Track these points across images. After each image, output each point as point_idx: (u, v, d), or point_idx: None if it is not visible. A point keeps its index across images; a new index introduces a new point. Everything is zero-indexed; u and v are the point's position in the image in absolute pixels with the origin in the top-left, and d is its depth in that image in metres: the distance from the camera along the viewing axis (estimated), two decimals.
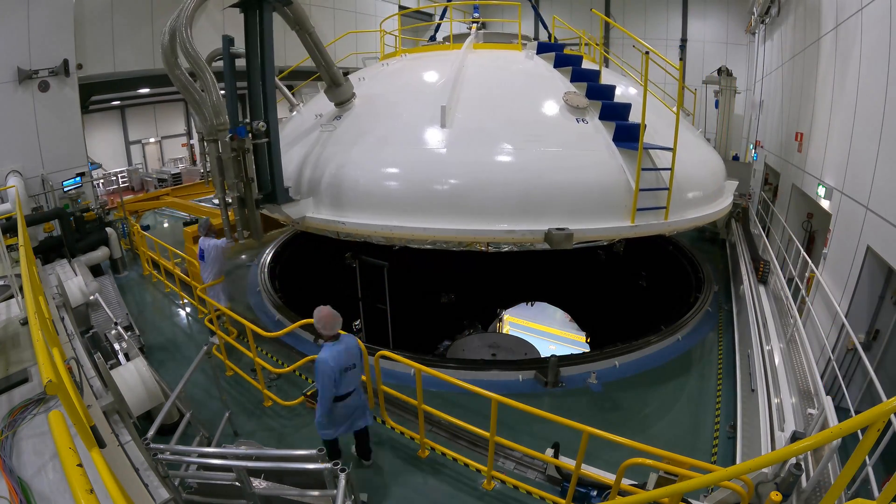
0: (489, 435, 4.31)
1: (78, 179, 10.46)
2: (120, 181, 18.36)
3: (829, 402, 3.85)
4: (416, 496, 4.55)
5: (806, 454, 3.72)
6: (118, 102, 21.32)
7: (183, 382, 4.67)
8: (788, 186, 11.80)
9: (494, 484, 4.60)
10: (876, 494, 2.52)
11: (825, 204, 8.51)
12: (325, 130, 7.36)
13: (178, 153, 25.05)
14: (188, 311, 8.53)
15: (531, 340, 10.71)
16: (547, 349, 13.16)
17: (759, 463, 2.56)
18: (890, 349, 6.74)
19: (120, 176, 19.25)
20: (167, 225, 13.52)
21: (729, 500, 3.41)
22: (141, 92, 18.08)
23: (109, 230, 9.63)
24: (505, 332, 14.39)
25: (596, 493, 4.15)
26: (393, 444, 5.19)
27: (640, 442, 3.63)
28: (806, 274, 8.15)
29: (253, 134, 6.09)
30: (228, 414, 5.12)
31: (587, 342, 13.60)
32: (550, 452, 4.42)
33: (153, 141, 24.21)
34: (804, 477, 3.44)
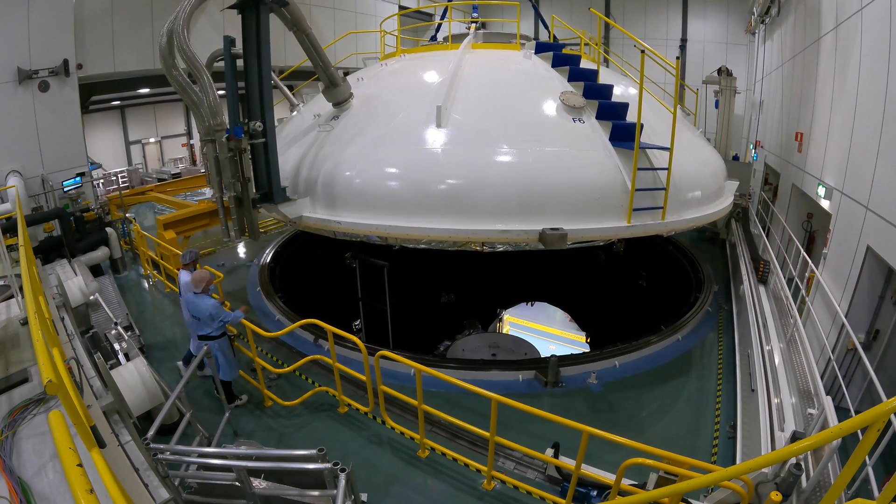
0: (489, 435, 4.31)
1: (78, 179, 10.45)
2: (120, 181, 18.35)
3: (829, 402, 3.86)
4: (416, 496, 4.55)
5: (806, 454, 3.72)
6: (118, 102, 21.29)
7: (183, 382, 4.67)
8: (788, 186, 11.79)
9: (494, 484, 4.60)
10: (876, 494, 2.52)
11: (825, 204, 8.50)
12: (322, 130, 7.36)
13: (178, 153, 25.02)
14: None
15: (531, 340, 10.71)
16: (547, 349, 13.17)
17: (759, 463, 2.57)
18: (890, 349, 6.74)
19: (120, 176, 19.24)
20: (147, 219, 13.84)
21: (729, 500, 3.41)
22: (141, 92, 18.04)
23: (109, 230, 9.63)
24: (505, 332, 14.39)
25: (596, 493, 4.15)
26: (393, 444, 5.19)
27: (640, 442, 3.64)
28: (806, 274, 8.15)
29: (250, 134, 6.09)
30: (228, 414, 5.12)
31: (587, 342, 13.61)
32: (550, 452, 4.42)
33: (153, 141, 24.19)
34: (804, 477, 3.44)
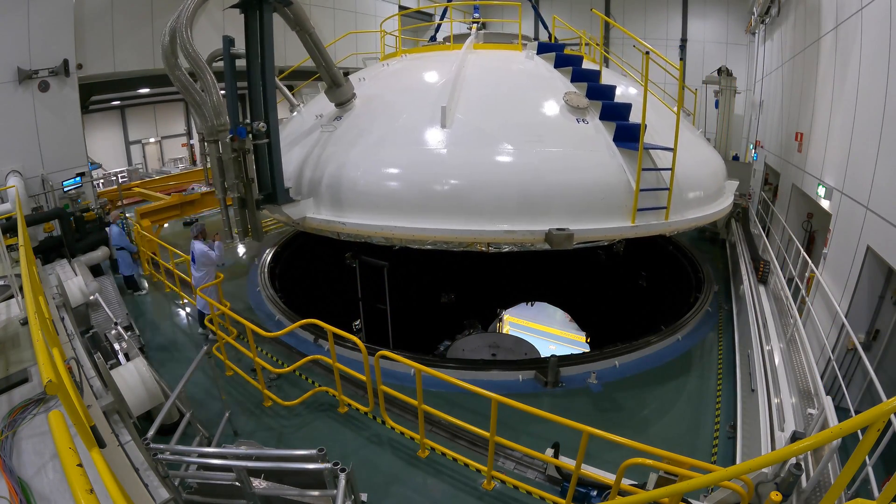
0: (489, 435, 4.31)
1: (78, 179, 10.44)
2: (120, 181, 18.39)
3: (829, 402, 3.86)
4: (416, 496, 4.55)
5: (806, 454, 3.72)
6: (118, 102, 21.29)
7: (183, 382, 4.68)
8: (788, 186, 11.79)
9: (494, 484, 4.60)
10: (876, 494, 2.52)
11: (825, 204, 8.50)
12: (325, 131, 7.36)
13: (178, 153, 25.00)
14: (188, 311, 8.53)
15: (531, 340, 10.70)
16: (547, 349, 13.17)
17: (759, 463, 2.57)
18: (890, 349, 6.74)
19: (120, 175, 19.27)
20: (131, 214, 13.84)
21: (729, 500, 3.41)
22: (141, 92, 18.06)
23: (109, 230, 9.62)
24: (505, 332, 14.39)
25: (596, 493, 4.15)
26: (393, 444, 5.19)
27: (640, 442, 3.63)
28: (806, 274, 8.15)
29: (253, 134, 6.09)
30: (228, 414, 5.12)
31: (587, 342, 13.61)
32: (550, 452, 4.42)
33: (153, 141, 24.18)
34: (804, 477, 3.44)
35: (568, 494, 4.08)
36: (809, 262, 7.95)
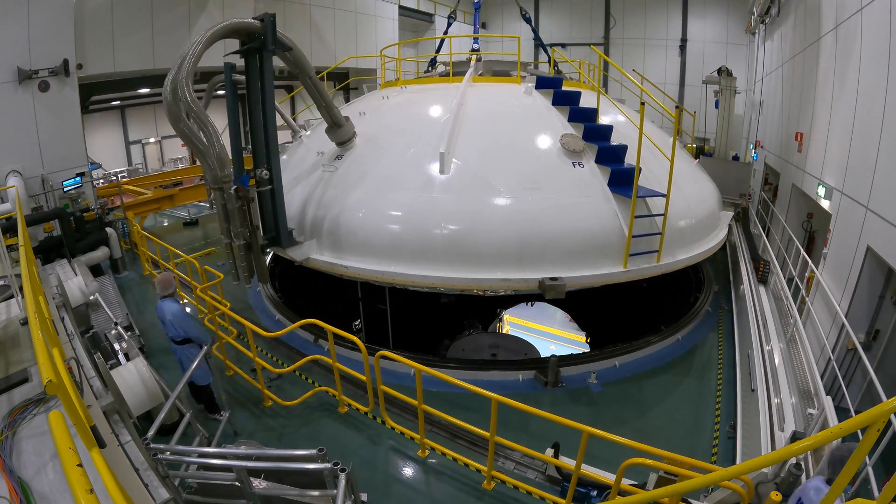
0: (489, 435, 4.32)
1: (78, 179, 10.44)
2: (119, 181, 18.42)
3: (829, 402, 3.86)
4: (416, 496, 4.55)
5: (806, 454, 3.72)
6: (118, 102, 21.27)
7: (183, 382, 4.69)
8: (788, 186, 11.79)
9: (494, 484, 4.60)
10: (876, 494, 2.52)
11: (825, 204, 8.50)
12: (326, 171, 7.45)
13: (178, 153, 24.99)
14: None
15: (531, 340, 10.70)
16: (547, 349, 13.13)
17: (759, 463, 2.56)
18: (890, 349, 6.74)
19: (120, 176, 19.26)
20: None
21: (729, 500, 3.41)
22: (141, 92, 18.00)
23: (109, 230, 9.63)
24: (505, 332, 14.38)
25: (596, 493, 4.15)
26: (393, 444, 5.19)
27: (640, 442, 3.63)
28: (806, 274, 8.15)
29: (256, 181, 6.24)
30: (228, 414, 5.12)
31: (587, 342, 13.59)
32: (550, 452, 4.42)
33: (153, 141, 24.16)
34: (804, 477, 3.44)
35: (568, 494, 4.08)
36: (809, 262, 7.95)
